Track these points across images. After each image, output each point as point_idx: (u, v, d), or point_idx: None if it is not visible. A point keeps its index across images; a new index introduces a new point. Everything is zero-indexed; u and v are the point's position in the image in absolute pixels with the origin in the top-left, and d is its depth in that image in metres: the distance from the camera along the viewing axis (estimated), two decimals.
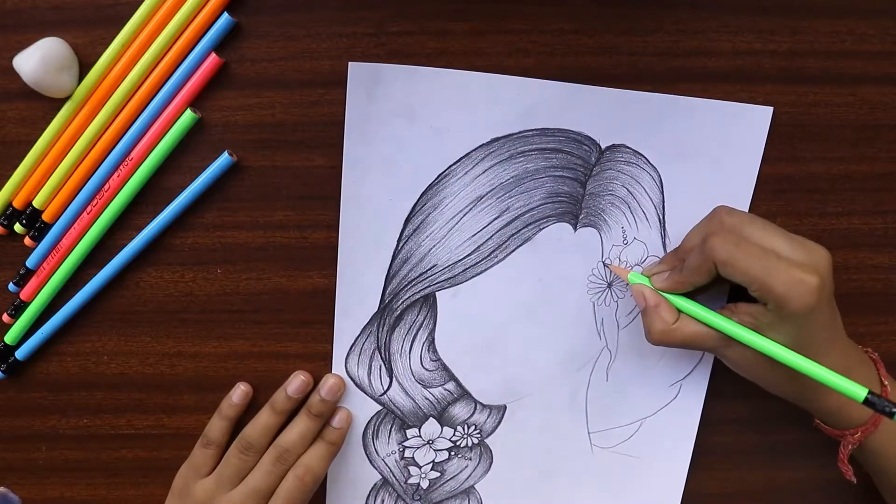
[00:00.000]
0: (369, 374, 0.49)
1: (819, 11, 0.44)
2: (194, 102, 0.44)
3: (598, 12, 0.44)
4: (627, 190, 0.46)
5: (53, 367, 0.49)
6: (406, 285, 0.47)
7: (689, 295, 0.42)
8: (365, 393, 0.49)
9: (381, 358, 0.48)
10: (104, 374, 0.49)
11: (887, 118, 0.45)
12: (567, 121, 0.45)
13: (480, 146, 0.45)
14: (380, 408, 0.49)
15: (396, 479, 0.51)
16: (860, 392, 0.37)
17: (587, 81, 0.44)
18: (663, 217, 0.46)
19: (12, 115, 0.45)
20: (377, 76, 0.44)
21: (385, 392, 0.49)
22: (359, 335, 0.48)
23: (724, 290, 0.45)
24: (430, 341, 0.48)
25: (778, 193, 0.46)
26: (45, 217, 0.46)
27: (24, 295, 0.48)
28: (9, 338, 0.48)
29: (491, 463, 0.51)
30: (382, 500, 0.51)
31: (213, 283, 0.48)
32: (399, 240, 0.46)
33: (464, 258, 0.46)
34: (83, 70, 0.44)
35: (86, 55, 0.44)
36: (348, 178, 0.45)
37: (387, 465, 0.50)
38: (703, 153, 0.45)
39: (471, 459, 0.50)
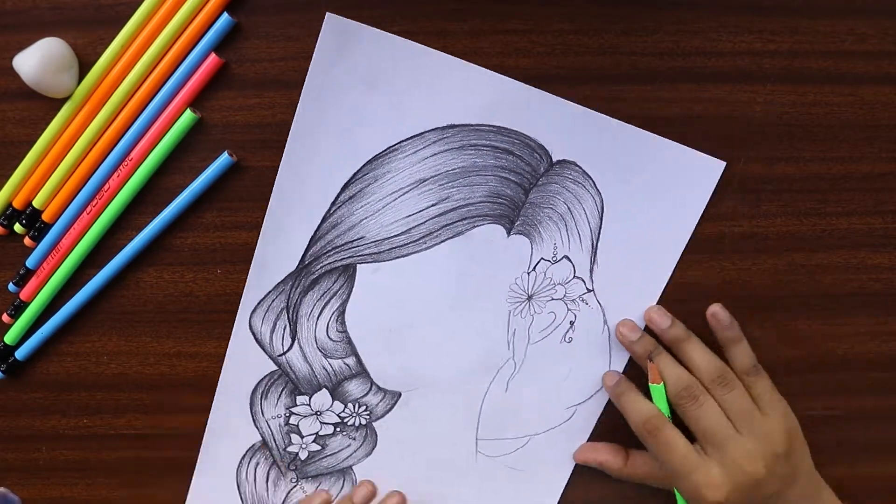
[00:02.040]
0: (272, 331, 0.48)
1: (819, 11, 0.44)
2: (194, 102, 0.44)
3: (598, 12, 0.44)
4: (568, 208, 0.46)
5: (53, 367, 0.49)
6: (329, 251, 0.46)
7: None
8: (263, 350, 0.48)
9: (288, 318, 0.47)
10: (104, 374, 0.49)
11: (887, 118, 0.45)
12: (526, 125, 0.44)
13: (435, 129, 0.44)
14: (275, 368, 0.49)
15: (276, 444, 0.50)
16: None
17: (587, 81, 0.44)
18: (596, 243, 0.46)
19: (12, 115, 0.45)
20: (350, 34, 0.43)
21: (284, 353, 0.48)
22: (270, 291, 0.47)
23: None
24: (341, 312, 0.47)
25: (778, 193, 0.46)
26: (45, 217, 0.46)
27: (24, 295, 0.48)
28: (9, 338, 0.48)
29: (374, 447, 0.50)
30: (257, 463, 0.51)
31: (213, 283, 0.48)
32: (333, 204, 0.46)
33: (392, 237, 0.46)
34: (83, 70, 0.44)
35: (86, 55, 0.44)
36: (297, 131, 0.45)
37: (269, 427, 0.50)
38: (650, 190, 0.45)
39: (354, 439, 0.50)
